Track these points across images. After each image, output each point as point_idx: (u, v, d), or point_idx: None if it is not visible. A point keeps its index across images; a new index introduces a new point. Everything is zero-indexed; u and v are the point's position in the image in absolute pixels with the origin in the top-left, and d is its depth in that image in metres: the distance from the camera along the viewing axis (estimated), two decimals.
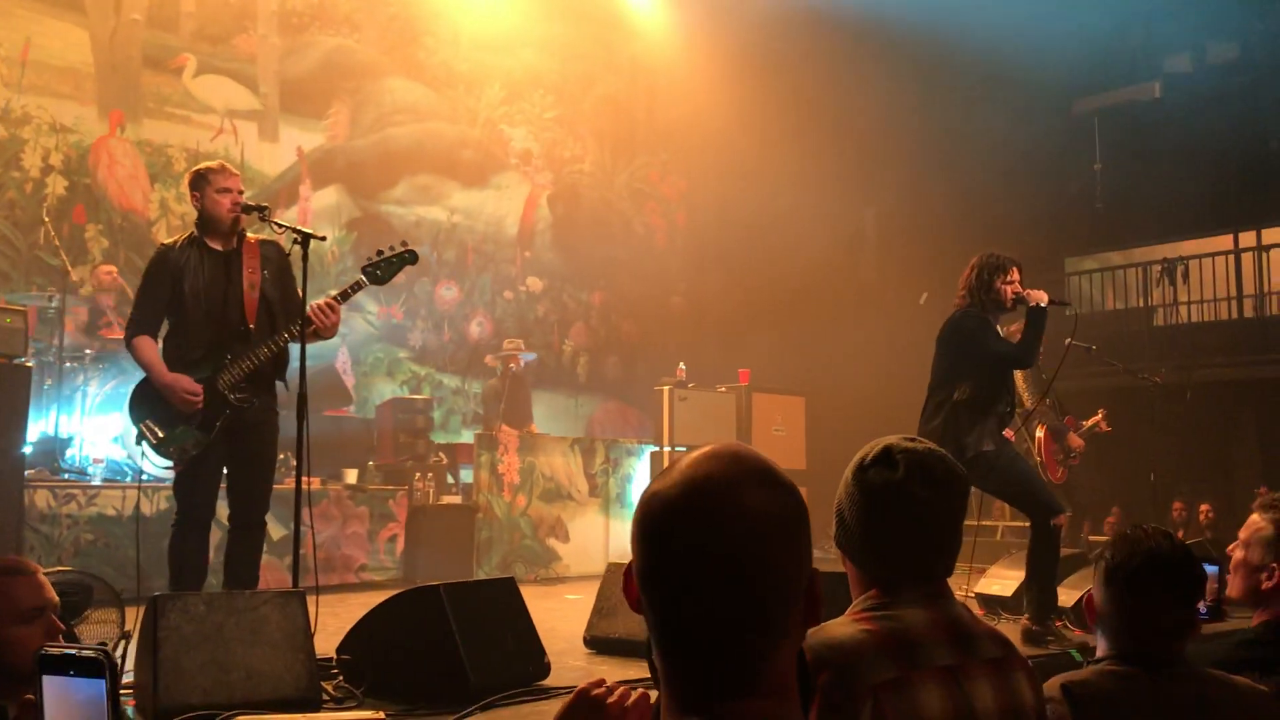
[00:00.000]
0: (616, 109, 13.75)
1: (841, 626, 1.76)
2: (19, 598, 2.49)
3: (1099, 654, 2.17)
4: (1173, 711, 1.97)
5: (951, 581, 1.84)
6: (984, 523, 11.25)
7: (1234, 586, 2.55)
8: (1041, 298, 5.45)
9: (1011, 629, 5.19)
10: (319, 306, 4.77)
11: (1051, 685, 2.03)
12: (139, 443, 4.78)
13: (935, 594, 1.79)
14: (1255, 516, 2.54)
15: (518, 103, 12.77)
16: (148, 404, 4.75)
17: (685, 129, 13.71)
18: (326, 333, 4.84)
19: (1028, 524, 8.54)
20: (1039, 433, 8.18)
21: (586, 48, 13.38)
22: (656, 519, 1.14)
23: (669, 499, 1.14)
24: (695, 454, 1.18)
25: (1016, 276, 5.50)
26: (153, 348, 4.80)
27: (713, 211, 13.76)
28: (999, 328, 5.68)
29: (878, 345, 11.91)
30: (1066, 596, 5.64)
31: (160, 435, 4.72)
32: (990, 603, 6.19)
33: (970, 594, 6.33)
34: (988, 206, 12.54)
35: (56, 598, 2.54)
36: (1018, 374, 8.20)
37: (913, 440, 1.83)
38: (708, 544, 1.10)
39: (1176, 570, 2.08)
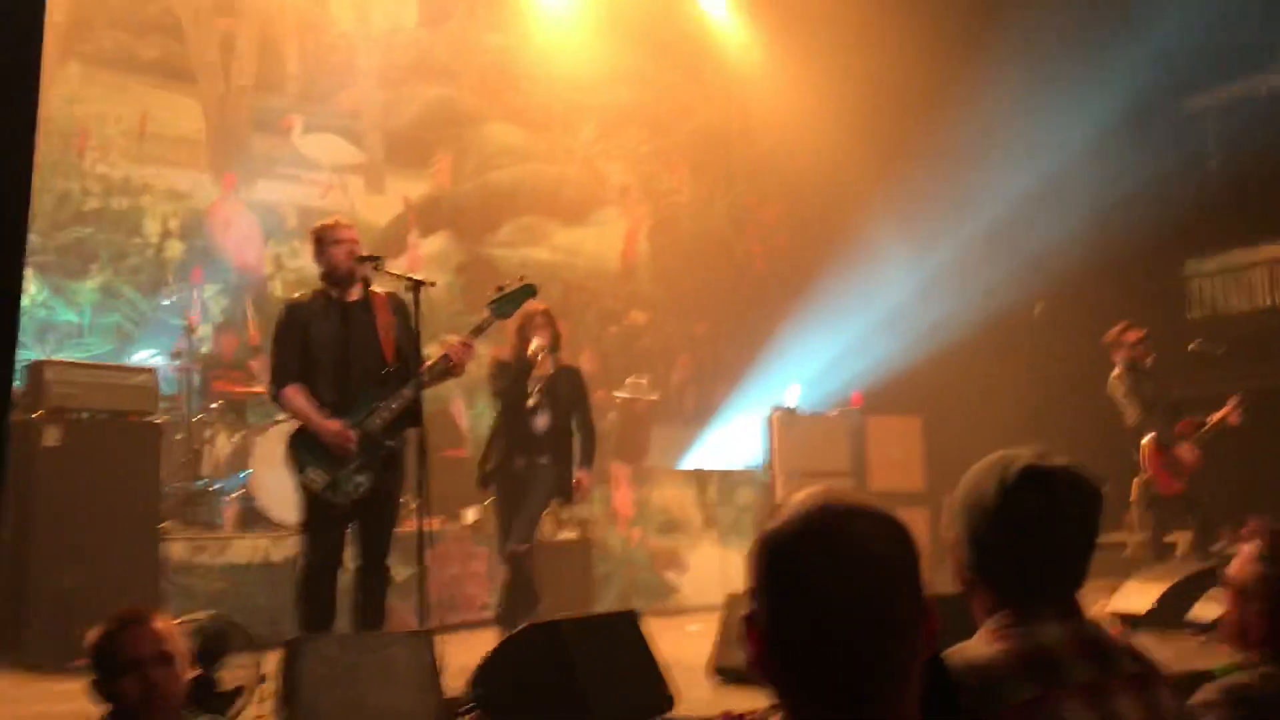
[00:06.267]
0: (711, 138, 13.75)
1: (978, 647, 1.72)
2: (130, 645, 2.51)
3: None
4: None
5: (1084, 600, 1.79)
6: (1113, 538, 10.88)
7: None
8: None
9: (1152, 644, 4.99)
10: (460, 343, 4.90)
11: (1210, 690, 1.98)
12: (301, 491, 4.85)
13: (1069, 610, 1.74)
14: None
15: (614, 138, 12.88)
16: (304, 452, 4.83)
17: (783, 155, 13.62)
18: (458, 370, 4.98)
19: (1150, 538, 8.28)
20: (1145, 442, 7.86)
21: (678, 80, 13.43)
22: (780, 554, 1.15)
23: (790, 534, 1.15)
24: (800, 496, 1.20)
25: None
26: (304, 395, 4.87)
27: (815, 232, 13.60)
28: None
29: (991, 360, 11.65)
30: (1205, 609, 5.40)
31: (327, 480, 4.78)
32: (1126, 620, 5.98)
33: (1106, 611, 6.12)
34: (1101, 214, 12.18)
35: (181, 647, 2.57)
36: (1116, 390, 7.89)
37: (1043, 456, 1.78)
38: (837, 568, 1.11)
39: None
